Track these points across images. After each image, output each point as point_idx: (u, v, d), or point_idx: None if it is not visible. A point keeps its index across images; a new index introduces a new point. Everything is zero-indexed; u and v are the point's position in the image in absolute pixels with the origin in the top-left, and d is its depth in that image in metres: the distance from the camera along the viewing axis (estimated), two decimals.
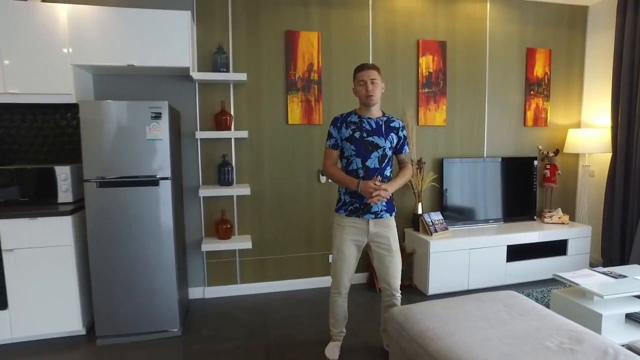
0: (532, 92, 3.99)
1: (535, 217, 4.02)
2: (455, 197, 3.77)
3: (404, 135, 2.45)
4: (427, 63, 3.68)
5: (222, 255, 3.40)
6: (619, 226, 3.69)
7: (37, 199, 2.78)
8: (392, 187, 2.33)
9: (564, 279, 2.71)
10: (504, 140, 3.98)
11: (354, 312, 3.07)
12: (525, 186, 3.98)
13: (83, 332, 2.78)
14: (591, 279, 2.67)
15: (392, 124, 2.42)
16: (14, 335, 2.61)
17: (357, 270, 3.43)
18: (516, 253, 3.60)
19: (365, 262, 3.56)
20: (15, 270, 2.56)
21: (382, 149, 2.36)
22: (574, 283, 2.62)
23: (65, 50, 2.69)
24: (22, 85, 2.65)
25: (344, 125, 2.38)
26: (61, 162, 3.03)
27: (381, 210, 2.37)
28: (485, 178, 3.84)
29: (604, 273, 2.79)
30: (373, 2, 3.50)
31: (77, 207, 2.72)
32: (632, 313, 2.57)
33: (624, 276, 2.71)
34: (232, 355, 2.55)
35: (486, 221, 3.85)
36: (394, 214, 2.45)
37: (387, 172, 2.41)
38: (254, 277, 3.49)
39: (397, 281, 2.47)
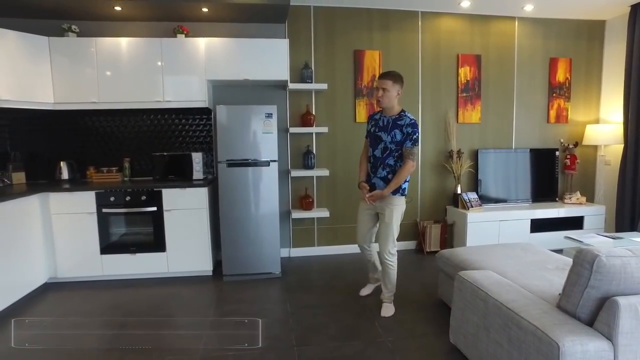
0: (554, 95, 4.79)
1: (557, 199, 4.81)
2: (489, 181, 4.63)
3: (407, 132, 2.74)
4: (465, 73, 4.56)
5: (304, 223, 4.42)
6: (630, 206, 4.42)
7: (178, 177, 3.90)
8: (378, 194, 2.81)
9: (572, 238, 3.54)
10: (530, 135, 4.80)
11: (403, 270, 4.00)
12: (549, 173, 4.78)
13: (210, 272, 3.85)
14: (594, 239, 3.49)
15: (399, 122, 2.78)
16: (169, 270, 3.73)
17: (408, 238, 4.42)
18: (539, 226, 4.41)
19: (414, 231, 4.49)
20: (170, 224, 3.67)
21: (384, 142, 2.83)
22: (579, 240, 3.45)
23: (202, 70, 3.78)
24: (174, 95, 3.77)
25: (370, 121, 3.00)
26: (194, 150, 4.14)
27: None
28: (515, 166, 4.68)
29: (605, 236, 3.59)
30: (422, 25, 4.43)
31: (207, 182, 3.80)
32: None
33: (621, 238, 3.51)
34: (322, 288, 3.56)
35: (515, 201, 4.67)
36: (397, 194, 2.86)
37: (390, 162, 2.82)
38: (327, 242, 4.49)
39: (382, 246, 2.90)
